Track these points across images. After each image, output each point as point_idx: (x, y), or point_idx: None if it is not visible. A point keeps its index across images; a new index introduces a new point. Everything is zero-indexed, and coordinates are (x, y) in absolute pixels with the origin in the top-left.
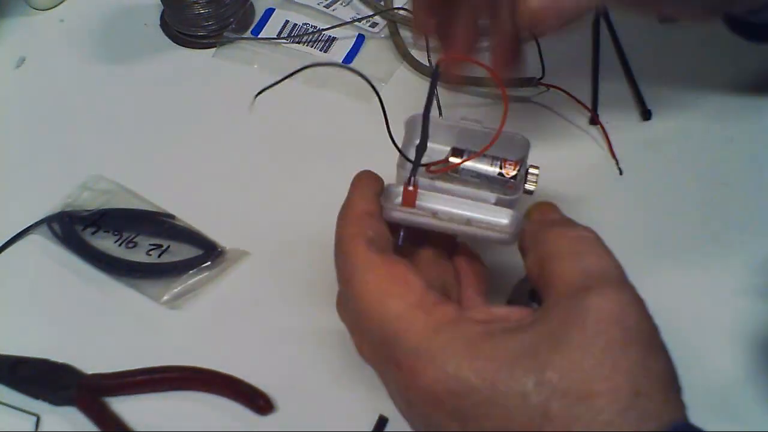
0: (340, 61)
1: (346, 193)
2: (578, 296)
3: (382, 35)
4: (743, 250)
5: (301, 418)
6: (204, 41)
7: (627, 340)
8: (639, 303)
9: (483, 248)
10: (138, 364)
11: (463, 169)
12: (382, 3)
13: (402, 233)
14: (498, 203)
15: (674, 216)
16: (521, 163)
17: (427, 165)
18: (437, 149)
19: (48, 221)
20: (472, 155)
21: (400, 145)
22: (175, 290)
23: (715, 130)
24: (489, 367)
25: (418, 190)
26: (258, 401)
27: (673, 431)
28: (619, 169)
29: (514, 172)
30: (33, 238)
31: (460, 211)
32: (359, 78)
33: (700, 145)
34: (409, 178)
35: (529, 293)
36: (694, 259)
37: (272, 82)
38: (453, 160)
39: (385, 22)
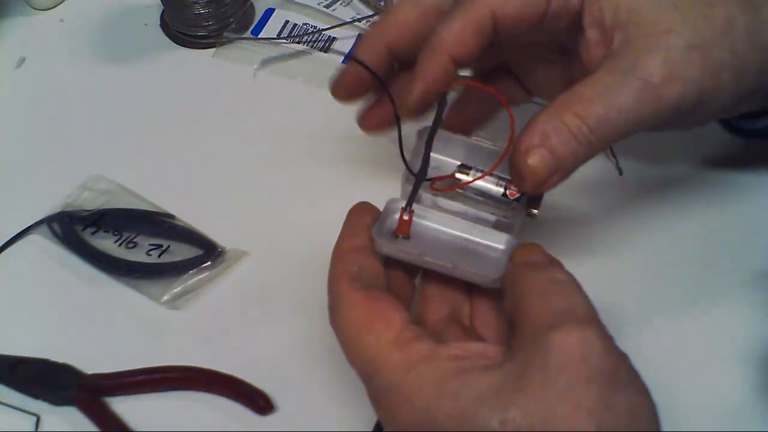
0: (340, 61)
1: (346, 193)
2: (542, 335)
3: None
4: (743, 250)
5: (301, 418)
6: (204, 41)
7: (589, 377)
8: (604, 340)
9: None
10: (138, 364)
11: (468, 186)
12: (382, 3)
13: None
14: (497, 225)
15: (674, 216)
16: None
17: (431, 180)
18: (446, 162)
19: (48, 221)
20: (478, 177)
21: (409, 155)
22: (175, 290)
23: (717, 130)
24: (455, 406)
25: (419, 207)
26: (258, 401)
27: None
28: (619, 169)
29: (518, 194)
30: (33, 238)
31: (454, 237)
32: None
33: (700, 145)
34: (405, 206)
35: None
36: (694, 259)
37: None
38: (459, 176)
39: None
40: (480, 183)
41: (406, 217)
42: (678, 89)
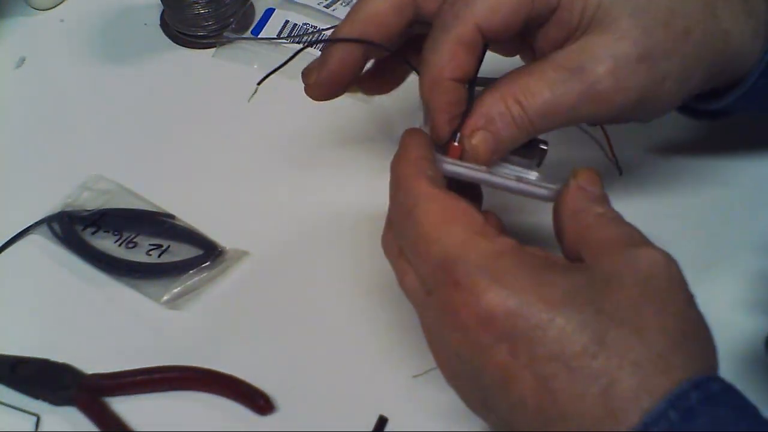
0: None
1: (346, 193)
2: (627, 250)
3: None
4: (743, 250)
5: (301, 418)
6: (204, 41)
7: (673, 287)
8: (677, 264)
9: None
10: (138, 364)
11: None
12: None
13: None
14: (539, 182)
15: (675, 217)
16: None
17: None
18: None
19: (48, 221)
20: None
21: (421, 126)
22: (175, 290)
23: (718, 130)
24: (552, 293)
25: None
26: (258, 401)
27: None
28: (619, 169)
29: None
30: (33, 238)
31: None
32: None
33: (700, 144)
34: (454, 133)
35: None
36: (694, 260)
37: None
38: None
39: None
40: (509, 167)
41: (456, 144)
42: (621, 97)
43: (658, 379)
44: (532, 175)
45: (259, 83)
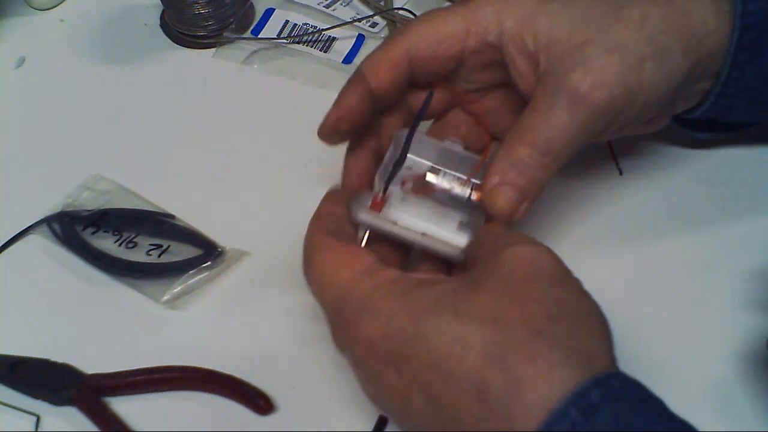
0: (340, 61)
1: None
2: (495, 253)
3: (382, 35)
4: (742, 249)
5: (301, 418)
6: (204, 41)
7: (538, 274)
8: (554, 254)
9: None
10: (138, 364)
11: (436, 188)
12: (382, 3)
13: (366, 236)
14: (460, 227)
15: (675, 217)
16: None
17: (402, 181)
18: (419, 162)
19: (48, 221)
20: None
21: (386, 157)
22: (175, 290)
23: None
24: (416, 308)
25: (389, 200)
26: (258, 401)
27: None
28: (619, 169)
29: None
30: (33, 238)
31: (420, 223)
32: None
33: (700, 144)
34: (383, 188)
35: None
36: (695, 259)
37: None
38: (430, 177)
39: (385, 22)
40: (447, 185)
41: (380, 198)
42: (605, 92)
43: (525, 368)
44: (456, 218)
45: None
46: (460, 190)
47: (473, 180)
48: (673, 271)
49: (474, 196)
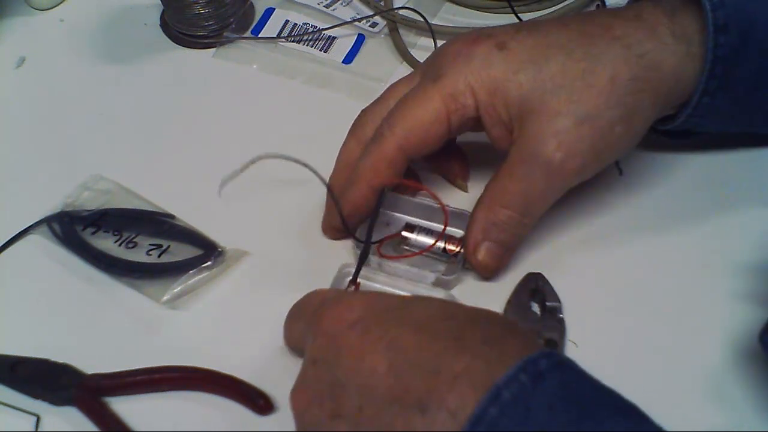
0: (340, 61)
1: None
2: None
3: (382, 35)
4: (742, 248)
5: None
6: (204, 41)
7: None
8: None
9: None
10: (138, 364)
11: (413, 243)
12: (382, 3)
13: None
14: (436, 283)
15: (674, 216)
16: (464, 240)
17: (379, 242)
18: (397, 218)
19: (48, 221)
20: (418, 252)
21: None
22: (175, 290)
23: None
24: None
25: (367, 269)
26: (258, 401)
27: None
28: (619, 169)
29: (457, 249)
30: (33, 238)
31: (397, 286)
32: (360, 78)
33: (699, 144)
34: (352, 279)
35: (530, 292)
36: (693, 259)
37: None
38: (405, 233)
39: (385, 22)
40: (423, 240)
41: (351, 290)
42: (577, 162)
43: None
44: (431, 277)
45: (222, 184)
46: (435, 244)
47: (447, 232)
48: (670, 267)
49: (447, 249)
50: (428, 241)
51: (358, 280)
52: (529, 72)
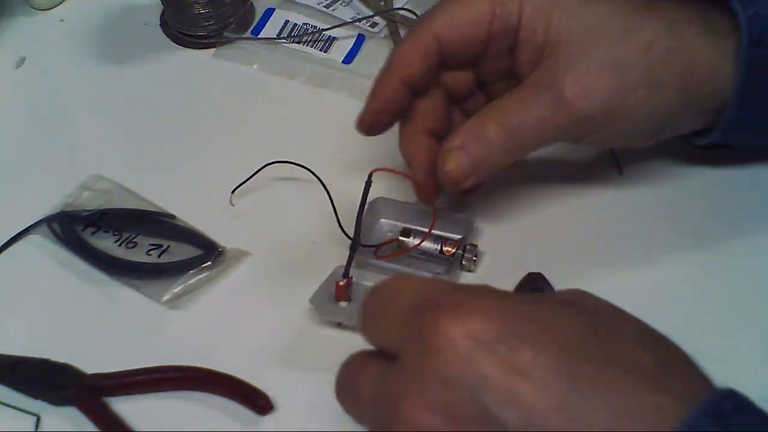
0: (340, 61)
1: (346, 192)
2: None
3: (382, 35)
4: (741, 248)
5: (301, 418)
6: (204, 41)
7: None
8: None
9: None
10: (138, 364)
11: (410, 247)
12: (382, 3)
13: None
14: None
15: (674, 216)
16: (460, 242)
17: (377, 246)
18: (392, 225)
19: (48, 221)
20: (416, 244)
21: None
22: (175, 290)
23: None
24: None
25: (360, 271)
26: (258, 401)
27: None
28: (620, 168)
29: (453, 251)
30: (33, 238)
31: None
32: (360, 78)
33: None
34: (344, 272)
35: (530, 292)
36: (692, 259)
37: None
38: (402, 238)
39: (385, 22)
40: (419, 242)
41: (341, 283)
42: (586, 105)
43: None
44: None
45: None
46: (432, 246)
47: (443, 235)
48: (671, 267)
49: (444, 250)
50: (426, 243)
51: (354, 280)
52: (578, 5)
